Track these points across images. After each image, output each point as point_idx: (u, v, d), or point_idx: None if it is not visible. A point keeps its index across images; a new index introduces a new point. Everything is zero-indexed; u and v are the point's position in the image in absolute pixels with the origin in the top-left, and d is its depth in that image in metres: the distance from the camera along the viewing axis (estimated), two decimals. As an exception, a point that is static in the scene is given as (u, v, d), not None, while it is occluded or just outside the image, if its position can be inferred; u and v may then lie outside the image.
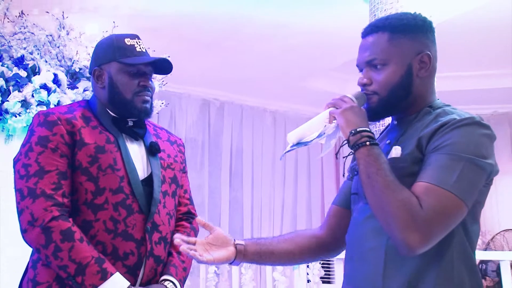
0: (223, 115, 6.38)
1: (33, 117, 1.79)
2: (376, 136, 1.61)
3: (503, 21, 4.69)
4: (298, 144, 1.57)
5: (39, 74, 3.21)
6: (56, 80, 3.24)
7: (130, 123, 1.83)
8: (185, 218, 1.94)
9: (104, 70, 1.81)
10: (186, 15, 4.60)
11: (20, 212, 1.66)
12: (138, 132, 1.83)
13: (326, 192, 6.95)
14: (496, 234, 6.24)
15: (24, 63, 3.20)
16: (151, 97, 1.85)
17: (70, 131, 1.71)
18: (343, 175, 1.65)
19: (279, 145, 6.75)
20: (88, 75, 4.06)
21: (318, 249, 1.66)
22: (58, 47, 3.99)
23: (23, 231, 1.65)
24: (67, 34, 4.04)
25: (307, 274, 3.91)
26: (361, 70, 1.51)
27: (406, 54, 1.44)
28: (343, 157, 1.55)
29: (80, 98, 3.76)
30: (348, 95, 1.50)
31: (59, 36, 4.03)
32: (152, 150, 1.83)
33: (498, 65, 5.78)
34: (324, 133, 1.51)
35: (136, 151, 1.81)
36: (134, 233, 1.71)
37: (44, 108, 3.22)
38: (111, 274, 1.62)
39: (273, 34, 4.95)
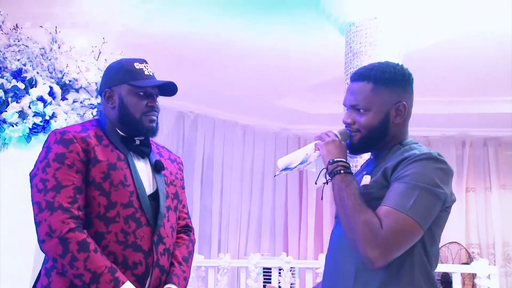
0: (196, 127, 6.44)
1: (49, 135, 1.83)
2: (358, 169, 1.77)
3: (455, 57, 4.97)
4: (286, 169, 1.69)
5: (35, 87, 3.22)
6: (51, 93, 3.25)
7: (137, 142, 1.89)
8: (184, 231, 2.00)
9: (114, 91, 1.87)
10: (172, 34, 4.66)
11: (38, 224, 1.70)
12: (144, 151, 1.90)
13: (289, 203, 7.08)
14: (442, 246, 6.50)
15: (22, 75, 3.20)
16: (157, 117, 1.92)
17: (85, 149, 1.76)
18: (322, 199, 1.80)
19: (248, 157, 6.86)
20: (77, 87, 4.08)
21: None
22: (50, 59, 3.99)
23: (41, 242, 1.68)
24: (59, 47, 4.06)
25: (279, 282, 3.99)
26: (347, 108, 1.66)
27: (385, 103, 1.59)
28: (323, 183, 1.67)
29: (70, 110, 3.78)
30: (333, 131, 1.66)
31: (51, 49, 4.04)
32: (157, 168, 1.90)
33: (447, 93, 6.05)
34: (306, 161, 1.67)
35: (142, 168, 1.86)
36: (142, 245, 1.76)
37: (40, 118, 3.23)
38: (123, 283, 1.67)
39: (251, 55, 5.07)
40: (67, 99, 3.84)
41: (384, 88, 1.59)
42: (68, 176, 1.72)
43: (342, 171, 1.54)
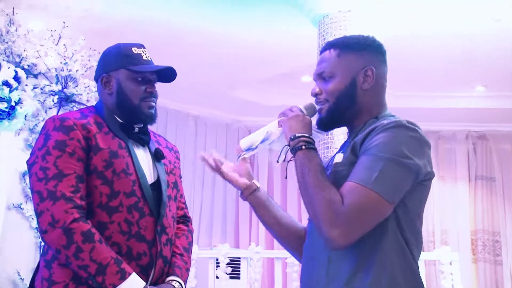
0: (149, 117, 6.28)
1: (46, 122, 1.75)
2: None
3: (407, 53, 5.13)
4: (248, 150, 1.61)
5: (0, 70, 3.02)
6: (16, 77, 3.06)
7: (136, 130, 1.83)
8: (182, 221, 1.95)
9: (112, 76, 1.80)
10: (132, 20, 4.53)
11: (39, 214, 1.63)
12: (144, 138, 1.84)
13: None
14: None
15: (-15, 58, 2.99)
16: (156, 103, 1.86)
17: (86, 136, 1.70)
18: (286, 178, 1.72)
19: (200, 148, 6.78)
20: (35, 72, 3.87)
21: (297, 240, 1.65)
22: (7, 42, 3.76)
23: (44, 232, 1.61)
24: (16, 30, 3.83)
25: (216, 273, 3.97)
26: (316, 82, 1.56)
27: (351, 67, 1.49)
28: (284, 161, 1.57)
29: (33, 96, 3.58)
30: (299, 105, 1.55)
31: (8, 31, 3.81)
32: (158, 156, 1.85)
33: (395, 87, 6.19)
34: (267, 139, 1.58)
35: (143, 157, 1.81)
36: (146, 235, 1.72)
37: (5, 104, 3.04)
38: (129, 274, 1.62)
39: (213, 44, 5.01)
40: (26, 85, 3.63)
41: (350, 53, 1.50)
42: (70, 164, 1.65)
43: (303, 147, 1.43)
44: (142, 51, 1.83)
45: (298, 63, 5.35)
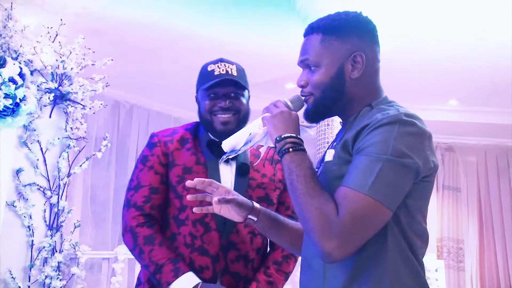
0: (131, 118, 6.23)
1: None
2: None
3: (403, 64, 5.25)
4: (232, 151, 1.47)
5: (4, 67, 2.94)
6: (20, 74, 2.98)
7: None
8: None
9: (197, 97, 1.91)
10: (130, 21, 4.46)
11: (122, 218, 1.84)
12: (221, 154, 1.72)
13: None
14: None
15: (-10, 54, 2.90)
16: (239, 117, 1.83)
17: (165, 153, 1.84)
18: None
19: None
20: (31, 69, 3.77)
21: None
22: (4, 37, 3.65)
23: (122, 235, 1.81)
24: (13, 26, 3.72)
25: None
26: (302, 69, 1.41)
27: (337, 55, 1.32)
28: (272, 164, 1.50)
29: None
30: (284, 99, 1.41)
31: (5, 26, 3.69)
32: (241, 172, 1.84)
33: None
34: (250, 141, 1.42)
35: (227, 172, 1.84)
36: (209, 249, 1.76)
37: (10, 101, 2.96)
38: (183, 273, 1.71)
39: (205, 50, 4.98)
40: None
41: (335, 38, 1.32)
42: (147, 176, 1.82)
43: (290, 149, 1.27)
44: (217, 66, 1.86)
45: (282, 71, 5.39)
